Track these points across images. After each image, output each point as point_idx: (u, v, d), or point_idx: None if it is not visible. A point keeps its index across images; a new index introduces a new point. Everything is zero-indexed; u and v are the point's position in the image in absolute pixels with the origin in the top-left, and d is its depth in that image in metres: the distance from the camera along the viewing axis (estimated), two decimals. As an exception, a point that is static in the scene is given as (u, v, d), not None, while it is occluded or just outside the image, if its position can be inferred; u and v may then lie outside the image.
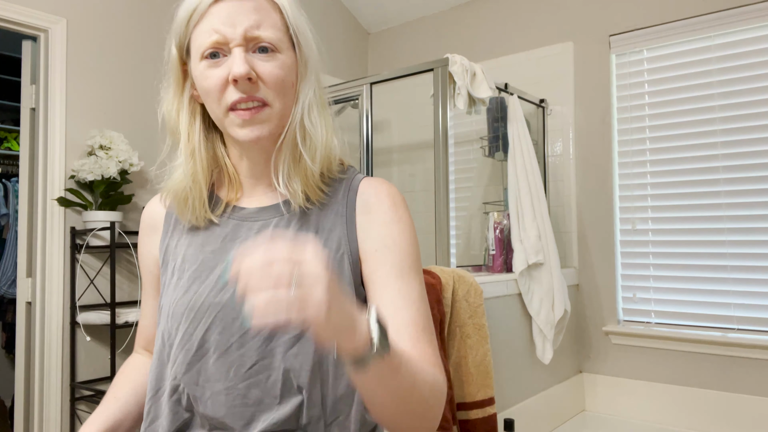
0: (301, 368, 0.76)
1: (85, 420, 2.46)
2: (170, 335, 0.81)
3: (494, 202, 2.83)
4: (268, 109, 0.77)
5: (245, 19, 0.75)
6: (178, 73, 0.84)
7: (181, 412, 0.79)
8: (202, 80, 0.78)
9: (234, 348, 0.76)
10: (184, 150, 0.85)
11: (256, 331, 0.76)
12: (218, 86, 0.77)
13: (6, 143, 3.86)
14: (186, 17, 0.79)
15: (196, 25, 0.78)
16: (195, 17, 0.78)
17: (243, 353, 0.76)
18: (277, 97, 0.78)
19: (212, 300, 0.78)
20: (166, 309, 0.82)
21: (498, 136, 2.57)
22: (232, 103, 0.76)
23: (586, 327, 2.76)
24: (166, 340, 0.81)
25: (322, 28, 3.21)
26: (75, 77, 2.48)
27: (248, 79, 0.75)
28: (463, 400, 1.81)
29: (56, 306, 2.38)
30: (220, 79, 0.76)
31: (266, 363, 0.76)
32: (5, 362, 3.78)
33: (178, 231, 0.88)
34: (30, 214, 2.47)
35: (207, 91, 0.78)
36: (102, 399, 0.90)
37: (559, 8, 2.87)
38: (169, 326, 0.81)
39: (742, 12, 2.39)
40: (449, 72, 2.16)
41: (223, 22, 0.75)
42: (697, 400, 2.44)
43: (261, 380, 0.75)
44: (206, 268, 0.81)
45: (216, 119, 0.81)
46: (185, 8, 0.79)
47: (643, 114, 2.64)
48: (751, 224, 2.38)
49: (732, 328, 2.41)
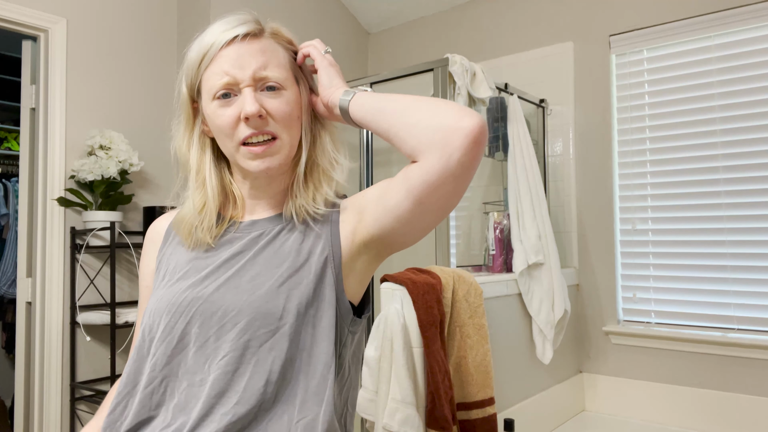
0: (272, 363, 0.78)
1: (85, 420, 2.46)
2: (151, 329, 0.84)
3: (494, 202, 2.83)
4: (278, 142, 0.85)
5: (253, 61, 0.84)
6: (189, 111, 0.91)
7: (148, 407, 0.81)
8: (215, 118, 0.85)
9: (211, 341, 0.79)
10: (194, 180, 0.92)
11: (232, 324, 0.79)
12: (230, 124, 0.84)
13: (6, 143, 3.86)
14: (197, 60, 0.87)
15: (207, 67, 0.86)
16: (206, 61, 0.86)
17: (218, 346, 0.79)
18: (284, 129, 0.85)
19: (194, 294, 0.82)
20: (151, 306, 0.85)
21: (498, 136, 2.57)
22: (244, 138, 0.84)
23: (586, 327, 2.76)
24: (147, 335, 0.84)
25: (322, 28, 3.21)
26: (75, 77, 2.48)
27: (259, 116, 0.82)
28: (463, 400, 1.82)
29: (56, 306, 2.38)
30: (232, 118, 0.84)
31: (236, 355, 0.78)
32: (5, 362, 3.78)
33: (176, 242, 0.93)
34: (30, 214, 2.47)
35: (219, 128, 0.85)
36: (101, 404, 0.91)
37: (559, 8, 2.87)
38: (150, 321, 0.84)
39: (742, 12, 2.39)
40: (449, 72, 2.16)
41: (233, 65, 0.83)
42: (697, 400, 2.45)
43: (228, 372, 0.78)
44: (194, 269, 0.87)
45: (228, 153, 0.88)
46: (196, 52, 0.88)
47: (643, 114, 2.64)
48: (751, 224, 2.38)
49: (732, 328, 2.41)
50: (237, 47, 0.84)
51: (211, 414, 0.77)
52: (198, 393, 0.79)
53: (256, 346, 0.79)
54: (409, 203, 0.79)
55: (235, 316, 0.79)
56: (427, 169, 0.75)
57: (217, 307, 0.80)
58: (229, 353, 0.78)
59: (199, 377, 0.79)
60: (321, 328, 0.82)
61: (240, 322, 0.79)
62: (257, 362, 0.78)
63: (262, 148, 0.83)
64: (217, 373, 0.78)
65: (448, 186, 0.76)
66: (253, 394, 0.77)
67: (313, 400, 0.79)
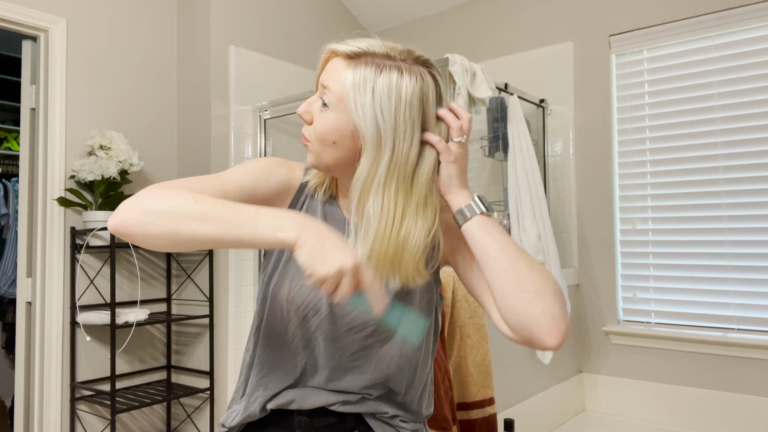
0: (392, 359, 0.95)
1: (85, 420, 2.46)
2: (288, 312, 0.96)
3: (494, 202, 2.83)
4: (309, 145, 0.91)
5: (330, 74, 0.89)
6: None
7: (294, 372, 0.97)
8: None
9: (341, 337, 0.94)
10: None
11: (360, 329, 0.94)
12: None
13: (6, 143, 3.86)
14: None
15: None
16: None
17: (347, 343, 0.94)
18: (315, 141, 0.90)
19: (326, 300, 0.94)
20: (285, 293, 0.95)
21: (498, 136, 2.57)
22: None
23: (586, 327, 2.76)
24: (279, 320, 0.96)
25: (323, 28, 3.21)
26: (75, 77, 2.48)
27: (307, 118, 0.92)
28: (464, 400, 1.82)
29: (56, 306, 2.38)
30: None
31: (363, 354, 0.95)
32: (5, 362, 3.78)
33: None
34: (30, 214, 2.47)
35: None
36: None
37: (559, 8, 2.87)
38: (287, 306, 0.95)
39: (742, 12, 2.39)
40: (449, 72, 2.16)
41: (324, 72, 0.91)
42: (697, 400, 2.44)
43: (357, 365, 0.95)
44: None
45: None
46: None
47: (643, 114, 2.64)
48: (751, 224, 2.38)
49: (732, 328, 2.41)
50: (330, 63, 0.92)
51: (353, 381, 0.96)
52: (336, 369, 0.95)
53: (378, 347, 0.95)
54: (472, 293, 0.96)
55: (360, 326, 0.94)
56: (503, 332, 0.89)
57: (345, 313, 0.93)
58: (356, 350, 0.94)
59: (332, 361, 0.95)
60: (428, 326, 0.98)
61: (365, 330, 0.94)
62: (380, 358, 0.95)
63: (303, 140, 0.94)
64: (349, 363, 0.95)
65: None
66: (373, 384, 0.96)
67: (416, 385, 0.99)
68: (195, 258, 2.69)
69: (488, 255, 0.86)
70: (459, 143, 0.88)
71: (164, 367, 2.77)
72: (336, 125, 0.87)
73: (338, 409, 0.96)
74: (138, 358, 2.68)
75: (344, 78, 0.86)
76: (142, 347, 2.70)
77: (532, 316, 0.82)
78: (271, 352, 0.98)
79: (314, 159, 0.92)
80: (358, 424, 0.98)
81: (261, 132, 2.76)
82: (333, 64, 0.88)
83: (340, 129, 0.87)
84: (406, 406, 1.00)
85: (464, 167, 0.90)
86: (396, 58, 0.86)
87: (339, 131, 0.88)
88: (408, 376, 0.97)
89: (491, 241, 0.86)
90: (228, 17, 2.71)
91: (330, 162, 0.90)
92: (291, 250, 0.78)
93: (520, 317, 0.83)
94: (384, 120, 0.84)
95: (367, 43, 0.87)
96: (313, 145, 0.91)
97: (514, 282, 0.84)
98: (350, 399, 0.96)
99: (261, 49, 2.85)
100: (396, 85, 0.84)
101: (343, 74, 0.86)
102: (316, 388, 0.97)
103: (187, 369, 2.71)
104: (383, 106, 0.84)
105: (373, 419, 0.98)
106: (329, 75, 0.88)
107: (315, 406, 0.97)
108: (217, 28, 2.67)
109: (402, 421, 0.99)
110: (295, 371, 0.97)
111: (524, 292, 0.83)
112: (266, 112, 2.74)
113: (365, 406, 0.97)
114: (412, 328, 0.94)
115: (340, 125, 0.87)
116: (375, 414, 0.98)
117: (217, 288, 2.63)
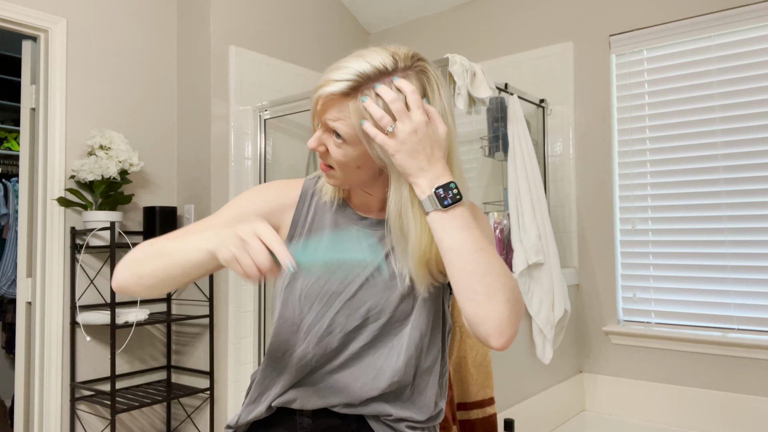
0: (402, 347, 0.96)
1: (85, 420, 2.46)
2: (302, 311, 0.98)
3: (494, 202, 2.83)
4: (333, 172, 0.93)
5: (332, 115, 0.87)
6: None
7: (301, 373, 0.98)
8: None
9: (355, 329, 0.96)
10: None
11: (375, 320, 0.96)
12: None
13: (6, 143, 3.86)
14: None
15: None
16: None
17: (360, 333, 0.96)
18: (339, 169, 0.92)
19: (341, 290, 0.96)
20: (300, 290, 0.97)
21: (498, 136, 2.57)
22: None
23: (586, 327, 2.76)
24: (297, 315, 0.98)
25: (322, 28, 3.21)
26: (75, 77, 2.48)
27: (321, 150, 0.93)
28: (463, 400, 1.82)
29: (56, 306, 2.38)
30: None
31: (376, 343, 0.97)
32: (5, 362, 3.78)
33: (311, 212, 1.03)
34: (30, 214, 2.48)
35: None
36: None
37: (559, 8, 2.87)
38: (300, 305, 0.97)
39: (742, 12, 2.39)
40: (449, 72, 2.16)
41: (319, 108, 0.90)
42: (697, 400, 2.44)
43: (370, 353, 0.97)
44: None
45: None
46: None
47: (643, 114, 2.64)
48: (751, 224, 2.38)
49: (732, 328, 2.41)
50: (323, 99, 0.92)
51: (355, 382, 0.97)
52: (342, 366, 0.97)
53: (392, 336, 0.96)
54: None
55: (377, 314, 0.95)
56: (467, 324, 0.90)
57: (361, 303, 0.95)
58: (370, 341, 0.96)
59: (344, 354, 0.96)
60: (435, 311, 0.99)
61: (381, 319, 0.95)
62: (392, 347, 0.96)
63: (325, 167, 0.94)
64: (360, 354, 0.96)
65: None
66: (387, 371, 0.96)
67: (427, 372, 0.99)
68: (195, 258, 2.68)
69: (443, 251, 0.85)
70: (390, 133, 0.83)
71: (164, 367, 2.77)
72: (358, 155, 0.89)
73: (341, 411, 0.96)
74: (138, 358, 2.68)
75: (349, 115, 0.85)
76: (142, 347, 2.70)
77: (479, 317, 0.84)
78: (283, 354, 1.00)
79: (339, 182, 0.94)
80: (360, 427, 0.98)
81: (261, 132, 2.76)
82: (330, 103, 0.86)
83: (363, 157, 0.89)
84: (413, 405, 0.98)
85: (417, 151, 0.84)
86: (388, 71, 0.85)
87: (362, 159, 0.89)
88: (415, 364, 0.97)
89: (447, 238, 0.84)
90: (228, 17, 2.71)
91: (357, 182, 0.94)
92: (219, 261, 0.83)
93: (468, 315, 0.85)
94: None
95: (354, 70, 0.85)
96: (336, 172, 0.92)
97: (464, 282, 0.84)
98: (353, 401, 0.96)
99: (261, 49, 2.85)
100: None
101: (345, 112, 0.85)
102: (319, 386, 0.97)
103: (187, 369, 2.71)
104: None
105: (376, 422, 0.98)
106: (332, 116, 0.87)
107: (317, 406, 0.97)
108: (217, 28, 2.67)
109: (409, 428, 0.98)
110: (304, 369, 0.98)
111: (473, 293, 0.84)
112: (266, 112, 2.74)
113: (368, 408, 0.96)
114: (352, 252, 0.90)
115: (362, 155, 0.89)
116: (379, 416, 0.97)
117: (217, 288, 2.63)
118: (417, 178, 0.85)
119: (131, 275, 0.90)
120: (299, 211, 1.02)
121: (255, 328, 2.70)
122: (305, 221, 1.02)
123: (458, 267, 0.84)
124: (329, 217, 1.01)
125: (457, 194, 0.84)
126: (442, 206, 0.84)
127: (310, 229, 1.01)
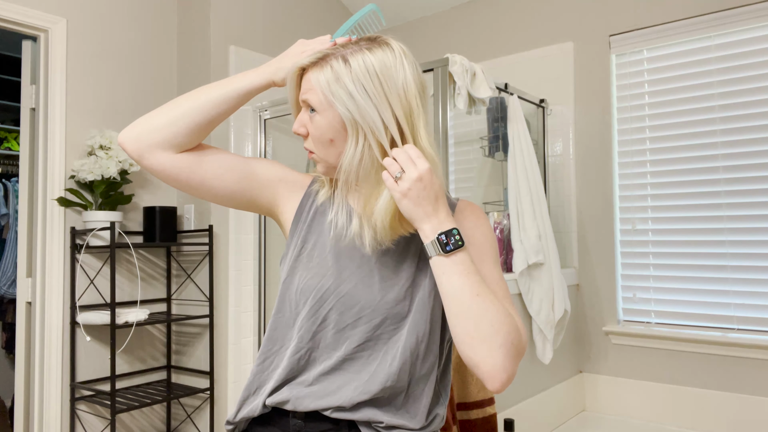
0: (397, 351, 0.95)
1: (85, 420, 2.46)
2: (297, 305, 0.99)
3: (494, 202, 2.83)
4: (314, 155, 0.97)
5: (306, 86, 0.95)
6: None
7: (295, 369, 0.99)
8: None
9: (348, 327, 0.96)
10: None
11: (368, 320, 0.96)
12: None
13: (6, 143, 3.86)
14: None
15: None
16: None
17: (354, 333, 0.96)
18: (316, 147, 0.96)
19: (335, 287, 0.97)
20: (297, 285, 0.99)
21: (498, 136, 2.57)
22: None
23: (586, 327, 2.76)
24: (293, 309, 1.00)
25: (322, 28, 3.21)
26: (75, 77, 2.48)
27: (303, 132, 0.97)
28: (463, 400, 1.82)
29: (56, 306, 2.38)
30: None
31: (370, 344, 0.96)
32: (5, 362, 3.78)
33: (311, 212, 1.05)
34: (30, 214, 2.48)
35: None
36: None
37: (559, 8, 2.87)
38: (296, 299, 0.99)
39: (742, 12, 2.39)
40: (449, 72, 2.16)
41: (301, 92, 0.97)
42: (697, 400, 2.45)
43: (363, 356, 0.96)
44: (335, 260, 1.00)
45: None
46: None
47: (643, 114, 2.64)
48: (751, 224, 2.38)
49: (732, 328, 2.41)
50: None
51: (347, 385, 0.96)
52: (337, 365, 0.97)
53: (386, 339, 0.96)
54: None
55: (371, 314, 0.95)
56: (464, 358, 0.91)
57: (355, 302, 0.95)
58: (364, 342, 0.96)
59: (337, 353, 0.97)
60: (435, 318, 0.98)
61: (375, 319, 0.95)
62: (386, 351, 0.96)
63: (310, 155, 1.00)
64: (353, 355, 0.96)
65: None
66: (380, 373, 0.95)
67: (423, 380, 0.97)
68: (195, 258, 2.69)
69: (442, 295, 0.89)
70: (403, 180, 0.87)
71: (164, 367, 2.77)
72: (328, 123, 0.92)
73: (332, 415, 0.96)
74: (138, 358, 2.68)
75: (317, 79, 0.91)
76: (142, 347, 2.70)
77: (474, 361, 0.87)
78: (279, 348, 1.01)
79: (323, 166, 0.98)
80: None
81: (261, 132, 2.76)
82: (305, 81, 0.94)
83: (333, 125, 0.92)
84: (407, 413, 0.97)
85: (423, 198, 0.87)
86: (358, 43, 0.93)
87: (332, 128, 0.93)
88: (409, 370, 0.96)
89: (446, 283, 0.88)
90: (228, 17, 2.71)
91: (336, 160, 0.95)
92: (274, 82, 0.99)
93: (464, 358, 0.89)
94: (363, 95, 0.89)
95: (327, 47, 0.94)
96: (317, 153, 0.96)
97: (461, 327, 0.87)
98: (345, 404, 0.95)
99: (261, 49, 2.85)
100: (365, 59, 0.90)
101: (314, 78, 0.92)
102: (312, 387, 0.97)
103: (187, 369, 2.71)
104: (362, 80, 0.89)
105: (367, 429, 0.97)
106: (304, 90, 0.94)
107: (309, 409, 0.97)
108: (217, 28, 2.67)
109: None
110: (298, 364, 0.98)
111: (469, 337, 0.86)
112: (266, 112, 2.74)
113: (359, 413, 0.96)
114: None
115: (331, 122, 0.92)
116: (370, 423, 0.97)
117: (217, 288, 2.63)
118: (422, 223, 0.88)
119: (144, 120, 0.98)
120: (303, 203, 1.05)
121: (255, 328, 2.70)
122: (306, 216, 1.04)
123: (455, 312, 0.87)
124: (329, 213, 1.03)
125: (458, 240, 0.88)
126: (444, 252, 0.87)
127: (310, 225, 1.03)
